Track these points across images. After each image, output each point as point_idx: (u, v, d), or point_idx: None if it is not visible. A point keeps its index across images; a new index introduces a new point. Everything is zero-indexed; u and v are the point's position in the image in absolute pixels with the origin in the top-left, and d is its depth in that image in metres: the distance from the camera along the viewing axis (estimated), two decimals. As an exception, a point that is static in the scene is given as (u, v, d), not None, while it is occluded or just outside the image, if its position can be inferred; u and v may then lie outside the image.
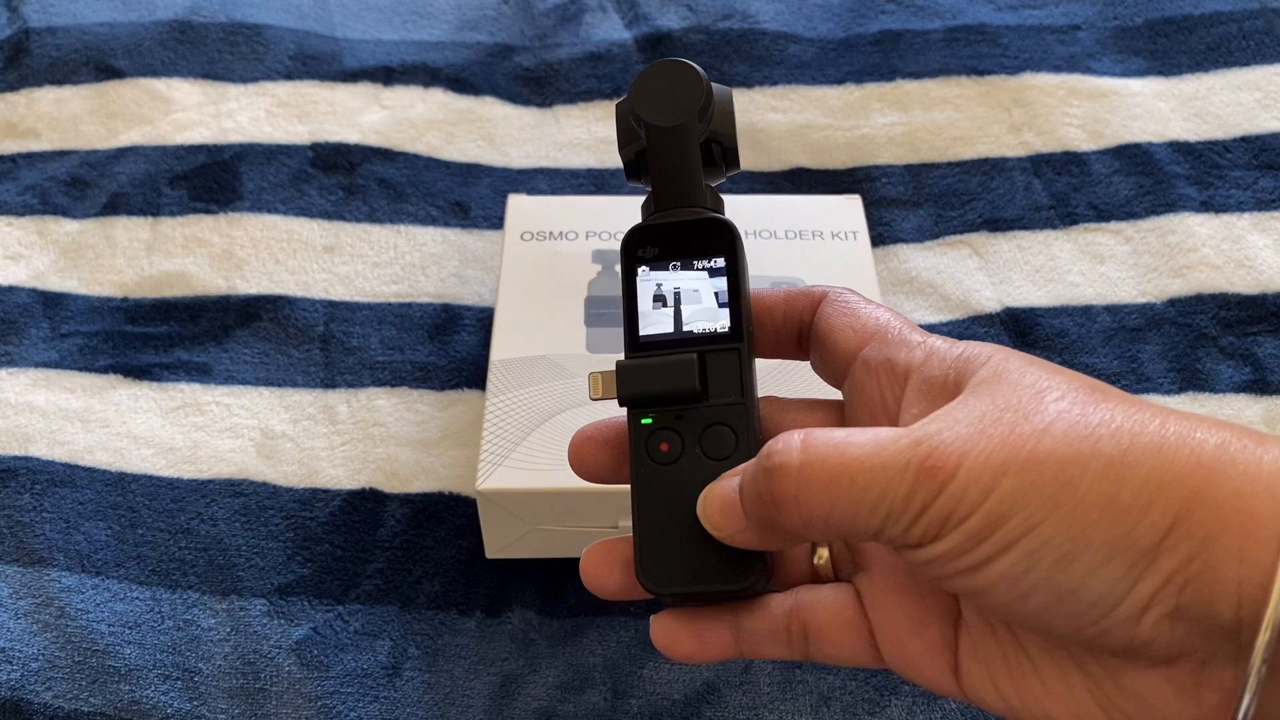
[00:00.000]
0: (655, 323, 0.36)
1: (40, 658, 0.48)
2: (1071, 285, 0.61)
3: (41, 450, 0.55)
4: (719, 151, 0.37)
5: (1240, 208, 0.64)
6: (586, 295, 0.55)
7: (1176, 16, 0.74)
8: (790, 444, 0.30)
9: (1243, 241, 0.62)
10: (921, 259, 0.63)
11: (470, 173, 0.68)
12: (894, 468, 0.29)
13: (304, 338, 0.60)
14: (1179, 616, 0.27)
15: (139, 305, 0.61)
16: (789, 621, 0.33)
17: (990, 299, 0.61)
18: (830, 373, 0.36)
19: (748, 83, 0.72)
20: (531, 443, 0.49)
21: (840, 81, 0.71)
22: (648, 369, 0.35)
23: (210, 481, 0.54)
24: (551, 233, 0.58)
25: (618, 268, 0.56)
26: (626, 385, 0.35)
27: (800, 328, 0.36)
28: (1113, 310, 0.60)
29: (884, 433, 0.29)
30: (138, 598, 0.50)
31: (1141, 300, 0.61)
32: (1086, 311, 0.60)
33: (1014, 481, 0.27)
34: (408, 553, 0.52)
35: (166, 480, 0.54)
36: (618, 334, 0.53)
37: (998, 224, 0.64)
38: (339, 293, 0.62)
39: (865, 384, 0.34)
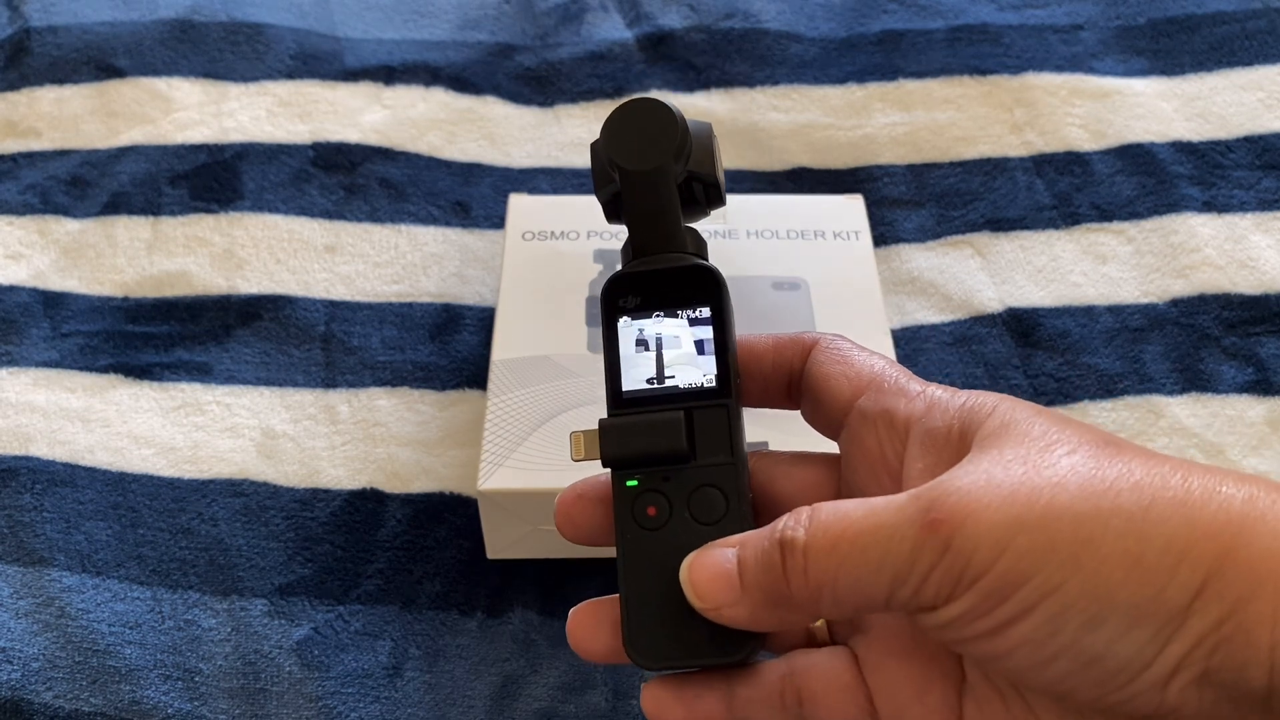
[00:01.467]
0: (638, 377, 0.34)
1: (40, 658, 0.48)
2: (1074, 285, 0.61)
3: (42, 450, 0.55)
4: (700, 190, 0.35)
5: (1243, 208, 0.64)
6: (588, 295, 0.55)
7: (1179, 16, 0.74)
8: (799, 518, 0.29)
9: (1245, 242, 0.62)
10: (923, 259, 0.63)
11: (471, 172, 0.67)
12: (894, 525, 0.27)
13: (305, 337, 0.60)
14: (1207, 682, 0.25)
15: (140, 305, 0.61)
16: (783, 687, 0.32)
17: (992, 299, 0.61)
18: (824, 423, 0.35)
19: (749, 82, 0.72)
20: (533, 443, 0.49)
21: (842, 81, 0.71)
22: (632, 428, 0.33)
23: (211, 481, 0.54)
24: (553, 232, 0.58)
25: (619, 267, 0.56)
26: (610, 446, 0.33)
27: (790, 376, 0.35)
28: (1115, 310, 0.60)
29: (890, 496, 0.28)
30: (138, 598, 0.50)
31: (1144, 300, 0.60)
32: (1089, 312, 0.60)
33: (1030, 539, 0.26)
34: (408, 553, 0.52)
35: (167, 480, 0.54)
36: (619, 334, 0.53)
37: (1000, 224, 0.64)
38: (340, 292, 0.62)
39: (863, 436, 0.32)
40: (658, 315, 0.35)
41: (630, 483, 0.33)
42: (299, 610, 0.50)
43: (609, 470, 0.34)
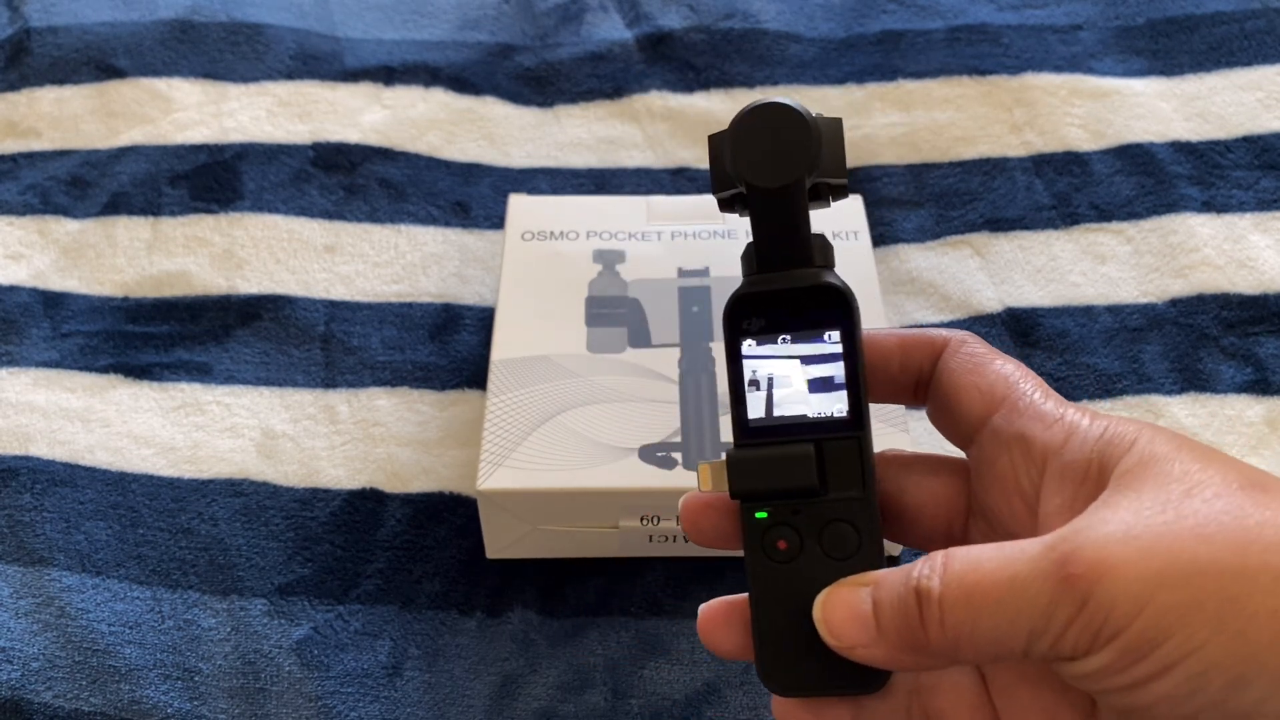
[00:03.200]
0: (765, 406, 0.33)
1: (40, 657, 0.48)
2: (1073, 285, 0.61)
3: (42, 450, 0.55)
4: (825, 189, 0.34)
5: (1242, 208, 0.64)
6: (587, 295, 0.55)
7: (1178, 16, 0.74)
8: (934, 565, 0.28)
9: (1244, 242, 0.62)
10: (923, 259, 0.63)
11: (471, 172, 0.67)
12: (1030, 577, 0.27)
13: (304, 337, 0.60)
14: None
15: (139, 305, 0.61)
16: (910, 704, 0.32)
17: (991, 299, 0.61)
18: (953, 434, 0.34)
19: (749, 83, 0.72)
20: (532, 443, 0.49)
21: (841, 81, 0.71)
22: (761, 462, 0.32)
23: (210, 481, 0.54)
24: (552, 232, 0.58)
25: (619, 267, 0.56)
26: (740, 480, 0.33)
27: (919, 378, 0.34)
28: (1114, 310, 0.60)
29: (1022, 542, 0.28)
30: (138, 597, 0.50)
31: (1143, 300, 0.60)
32: (1088, 311, 0.60)
33: (1172, 596, 0.25)
34: (408, 553, 0.52)
35: (167, 480, 0.54)
36: (618, 334, 0.53)
37: (999, 224, 0.64)
38: (340, 292, 0.62)
39: (997, 459, 0.32)
40: (783, 340, 0.33)
41: (759, 515, 0.33)
42: (299, 610, 0.50)
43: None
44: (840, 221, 0.58)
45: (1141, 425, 0.29)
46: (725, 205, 0.35)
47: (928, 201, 0.66)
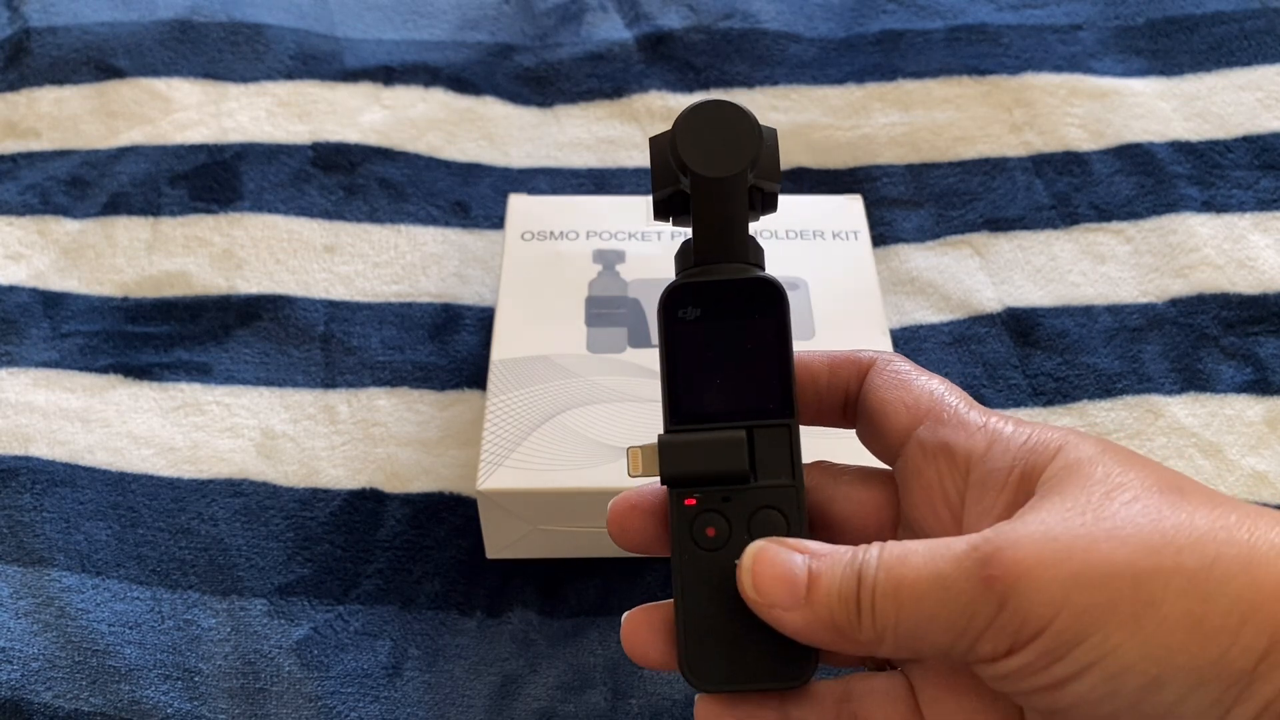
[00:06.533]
0: (698, 392, 0.33)
1: (40, 658, 0.48)
2: (1073, 285, 0.61)
3: (42, 450, 0.55)
4: (759, 197, 0.34)
5: (1242, 208, 0.64)
6: (587, 295, 0.55)
7: (1178, 16, 0.74)
8: (872, 551, 0.29)
9: (1244, 241, 0.62)
10: (922, 259, 0.63)
11: (471, 172, 0.67)
12: (952, 577, 0.27)
13: (304, 337, 0.60)
14: None
15: (139, 305, 0.61)
16: (838, 712, 0.32)
17: (991, 299, 0.61)
18: (881, 449, 0.34)
19: (748, 82, 0.72)
20: (532, 443, 0.49)
21: (841, 81, 0.71)
22: (693, 446, 0.33)
23: (210, 481, 0.54)
24: (552, 232, 0.58)
25: (619, 268, 0.56)
26: (670, 464, 0.33)
27: (846, 397, 0.34)
28: (1114, 310, 0.60)
29: (949, 540, 0.28)
30: (138, 598, 0.50)
31: (1143, 300, 0.60)
32: (1088, 311, 0.60)
33: (1088, 597, 0.26)
34: (408, 553, 0.52)
35: (167, 480, 0.54)
36: (618, 334, 0.53)
37: (999, 224, 0.64)
38: (339, 292, 0.62)
39: (922, 469, 0.32)
40: (717, 328, 0.34)
41: (688, 502, 0.33)
42: (299, 610, 0.50)
43: (653, 477, 0.34)
44: (840, 221, 0.58)
45: (1067, 431, 0.30)
46: (661, 209, 0.35)
47: (928, 201, 0.66)
